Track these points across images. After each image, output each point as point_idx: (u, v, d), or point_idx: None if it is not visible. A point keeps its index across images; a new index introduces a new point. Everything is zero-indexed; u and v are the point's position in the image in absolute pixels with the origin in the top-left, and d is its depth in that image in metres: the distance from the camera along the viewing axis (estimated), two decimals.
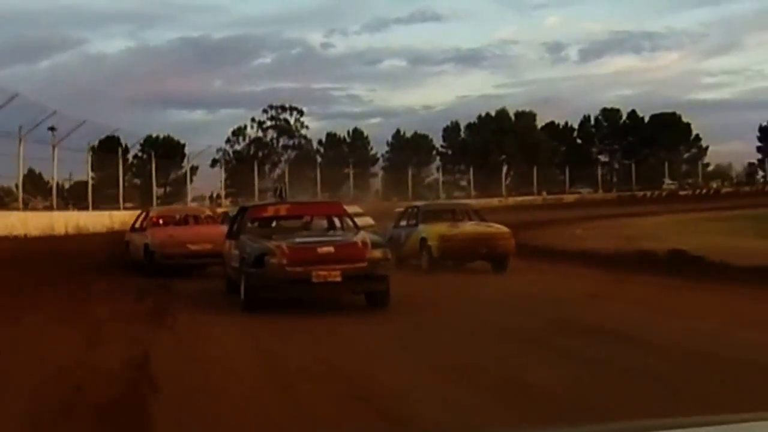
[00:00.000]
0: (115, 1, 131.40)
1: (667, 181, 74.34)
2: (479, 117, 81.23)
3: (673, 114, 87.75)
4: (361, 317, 11.27)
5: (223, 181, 70.93)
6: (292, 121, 76.23)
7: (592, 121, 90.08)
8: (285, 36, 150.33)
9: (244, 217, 13.91)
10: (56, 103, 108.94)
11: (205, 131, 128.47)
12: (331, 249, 11.57)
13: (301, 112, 76.89)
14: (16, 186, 36.97)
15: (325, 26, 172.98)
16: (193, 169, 78.93)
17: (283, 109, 75.46)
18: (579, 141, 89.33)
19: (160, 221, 20.12)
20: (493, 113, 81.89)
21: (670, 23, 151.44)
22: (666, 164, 79.84)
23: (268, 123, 75.21)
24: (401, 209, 22.88)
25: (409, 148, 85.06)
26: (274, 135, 75.36)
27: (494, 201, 57.48)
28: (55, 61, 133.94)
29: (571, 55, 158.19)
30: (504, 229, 18.19)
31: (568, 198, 61.75)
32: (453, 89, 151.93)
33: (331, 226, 13.95)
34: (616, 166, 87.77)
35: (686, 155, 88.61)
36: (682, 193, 67.03)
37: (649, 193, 65.87)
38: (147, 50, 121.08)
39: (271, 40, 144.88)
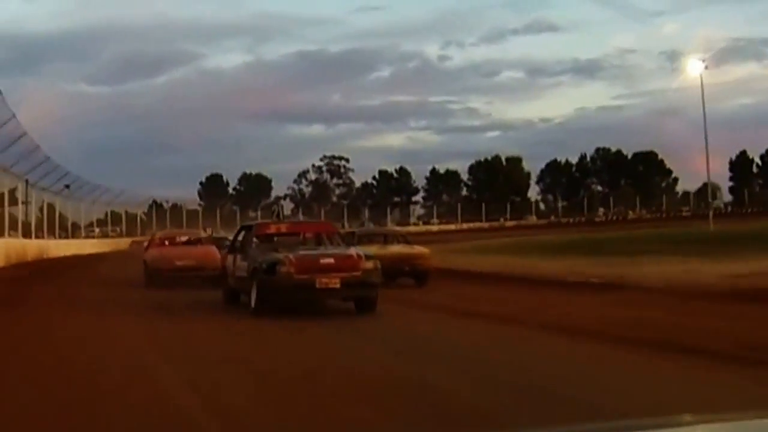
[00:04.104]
0: (231, 16, 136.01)
1: (602, 210, 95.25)
2: (478, 161, 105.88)
3: (651, 152, 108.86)
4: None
5: (291, 210, 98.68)
6: (341, 167, 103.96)
7: (588, 159, 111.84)
8: (402, 49, 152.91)
9: (250, 233, 15.36)
10: (174, 119, 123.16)
11: (324, 145, 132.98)
12: (331, 260, 13.08)
13: (347, 160, 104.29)
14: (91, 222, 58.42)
15: (441, 38, 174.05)
16: (278, 199, 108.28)
17: (334, 157, 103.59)
18: (577, 175, 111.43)
19: (166, 242, 22.94)
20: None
21: None
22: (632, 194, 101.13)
23: (324, 168, 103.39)
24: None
25: (442, 182, 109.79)
26: (328, 177, 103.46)
27: (451, 226, 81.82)
28: (171, 77, 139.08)
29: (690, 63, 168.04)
30: (424, 250, 20.08)
31: (509, 224, 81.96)
32: (571, 101, 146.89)
33: (321, 242, 15.40)
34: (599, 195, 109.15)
35: (664, 185, 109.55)
36: (597, 219, 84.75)
37: (572, 220, 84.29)
38: (263, 64, 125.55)
39: (388, 53, 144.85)
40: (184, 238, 23.97)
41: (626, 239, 42.08)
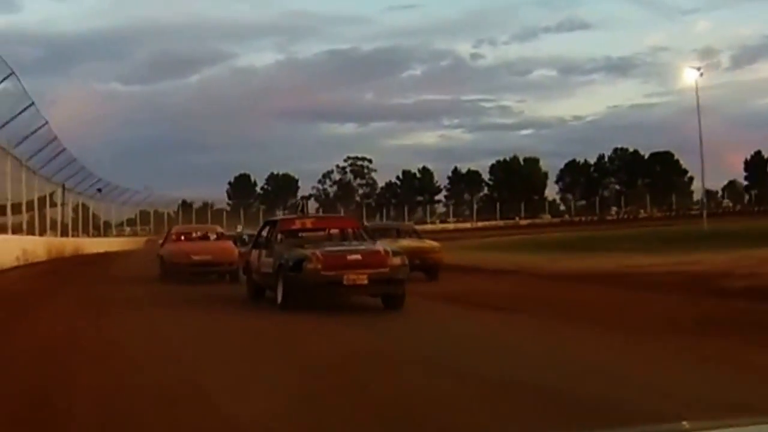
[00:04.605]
0: (263, 15, 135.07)
1: (614, 209, 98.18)
2: (498, 161, 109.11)
3: (667, 152, 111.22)
4: None
5: (315, 209, 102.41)
6: (364, 168, 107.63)
7: (606, 159, 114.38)
8: (434, 47, 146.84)
9: (275, 229, 15.16)
10: (207, 118, 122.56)
11: (356, 144, 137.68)
12: (358, 256, 12.80)
13: (370, 161, 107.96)
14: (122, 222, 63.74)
15: (473, 36, 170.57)
16: (305, 198, 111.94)
17: (357, 158, 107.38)
18: (595, 175, 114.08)
19: (182, 237, 22.63)
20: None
21: None
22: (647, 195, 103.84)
23: (348, 169, 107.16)
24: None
25: (464, 181, 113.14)
26: (351, 177, 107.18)
27: (467, 224, 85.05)
28: (204, 75, 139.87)
29: (722, 61, 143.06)
30: (435, 244, 20.11)
31: (523, 222, 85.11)
32: (603, 99, 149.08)
33: (346, 237, 15.10)
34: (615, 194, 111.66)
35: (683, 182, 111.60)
36: (608, 218, 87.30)
37: (584, 218, 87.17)
38: (296, 63, 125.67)
39: (421, 52, 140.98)
40: (200, 233, 23.57)
41: (615, 238, 43.73)
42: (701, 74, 58.55)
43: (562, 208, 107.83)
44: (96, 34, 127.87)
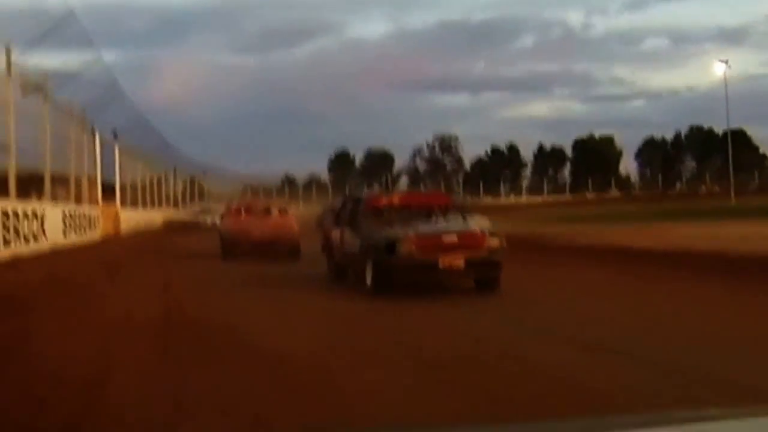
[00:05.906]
0: None
1: (678, 185, 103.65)
2: (576, 140, 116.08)
3: (741, 130, 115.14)
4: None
5: (406, 185, 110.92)
6: (452, 145, 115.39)
7: (683, 137, 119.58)
8: (544, 17, 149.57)
9: (361, 206, 14.11)
10: (316, 89, 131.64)
11: (470, 115, 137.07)
12: (454, 238, 12.12)
13: (456, 139, 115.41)
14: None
15: (584, 6, 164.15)
16: (400, 174, 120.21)
17: (444, 138, 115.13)
18: (672, 152, 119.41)
19: (242, 213, 21.47)
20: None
21: None
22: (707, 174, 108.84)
23: (437, 146, 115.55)
24: None
25: (547, 157, 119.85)
26: (440, 154, 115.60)
27: (538, 199, 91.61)
28: (314, 46, 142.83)
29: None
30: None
31: (590, 197, 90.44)
32: (717, 69, 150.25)
33: (436, 214, 14.00)
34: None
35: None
36: (669, 193, 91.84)
37: (646, 194, 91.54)
38: (406, 34, 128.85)
39: (531, 22, 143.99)
40: (261, 209, 22.27)
41: (627, 213, 47.91)
42: (729, 66, 65.82)
43: (638, 183, 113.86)
44: (207, 5, 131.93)
